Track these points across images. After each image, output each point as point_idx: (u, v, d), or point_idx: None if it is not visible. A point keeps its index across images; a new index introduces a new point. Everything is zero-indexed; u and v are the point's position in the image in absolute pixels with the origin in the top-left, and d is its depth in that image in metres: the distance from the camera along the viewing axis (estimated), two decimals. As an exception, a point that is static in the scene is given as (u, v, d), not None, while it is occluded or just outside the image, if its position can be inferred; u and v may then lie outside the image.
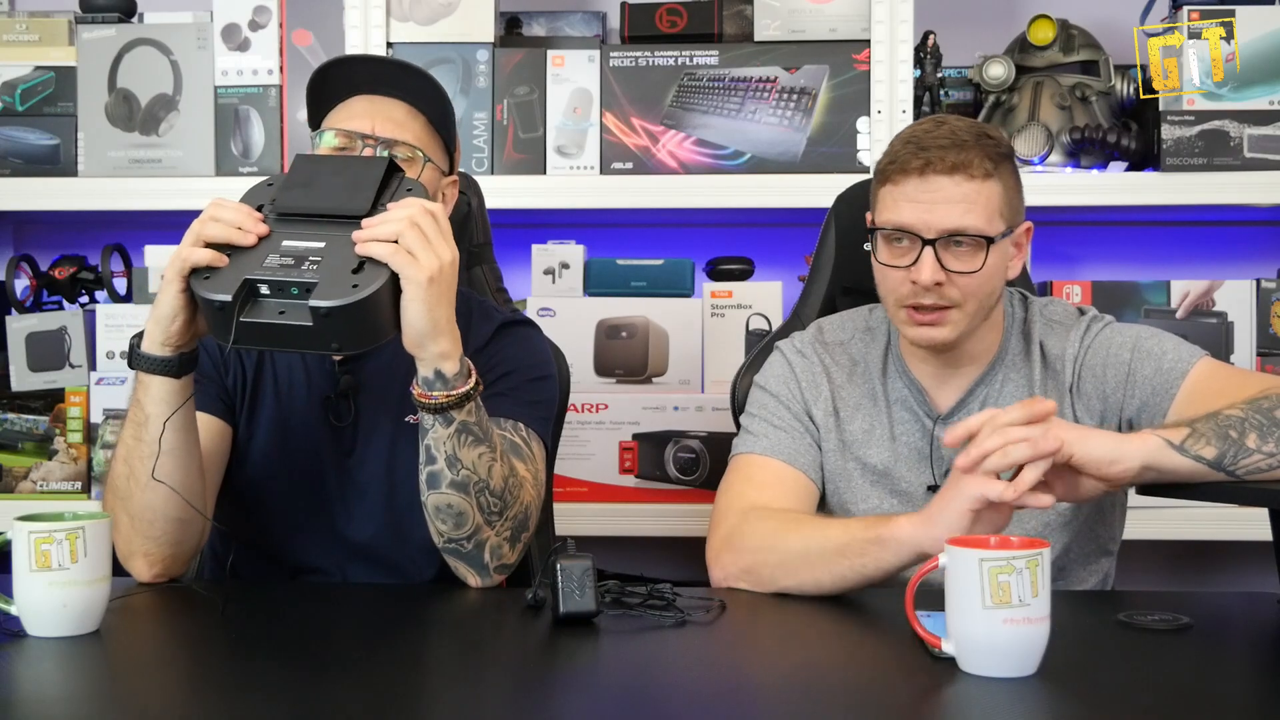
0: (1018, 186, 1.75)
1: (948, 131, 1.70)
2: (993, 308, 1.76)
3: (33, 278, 2.75)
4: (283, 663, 1.40)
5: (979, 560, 1.27)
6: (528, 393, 1.80)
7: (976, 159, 1.68)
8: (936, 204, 1.68)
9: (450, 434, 1.61)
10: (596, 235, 2.80)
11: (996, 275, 1.72)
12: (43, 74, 2.68)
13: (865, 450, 1.81)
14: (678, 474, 2.60)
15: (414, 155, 1.75)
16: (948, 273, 1.69)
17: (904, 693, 1.29)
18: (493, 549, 1.67)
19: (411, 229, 1.53)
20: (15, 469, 2.64)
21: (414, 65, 1.81)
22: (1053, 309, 1.84)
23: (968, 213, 1.68)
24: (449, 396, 1.60)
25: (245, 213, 1.56)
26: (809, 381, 1.85)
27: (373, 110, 1.76)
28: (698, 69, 2.60)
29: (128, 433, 1.64)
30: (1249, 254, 2.86)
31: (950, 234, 1.68)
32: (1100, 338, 1.79)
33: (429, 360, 1.59)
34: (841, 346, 1.87)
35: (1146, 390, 1.73)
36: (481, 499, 1.63)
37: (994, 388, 1.79)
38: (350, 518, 1.79)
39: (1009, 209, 1.72)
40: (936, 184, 1.68)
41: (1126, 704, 1.25)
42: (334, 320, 1.49)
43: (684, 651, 1.44)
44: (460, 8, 2.62)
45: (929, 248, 1.68)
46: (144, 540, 1.67)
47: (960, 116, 1.77)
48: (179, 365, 1.61)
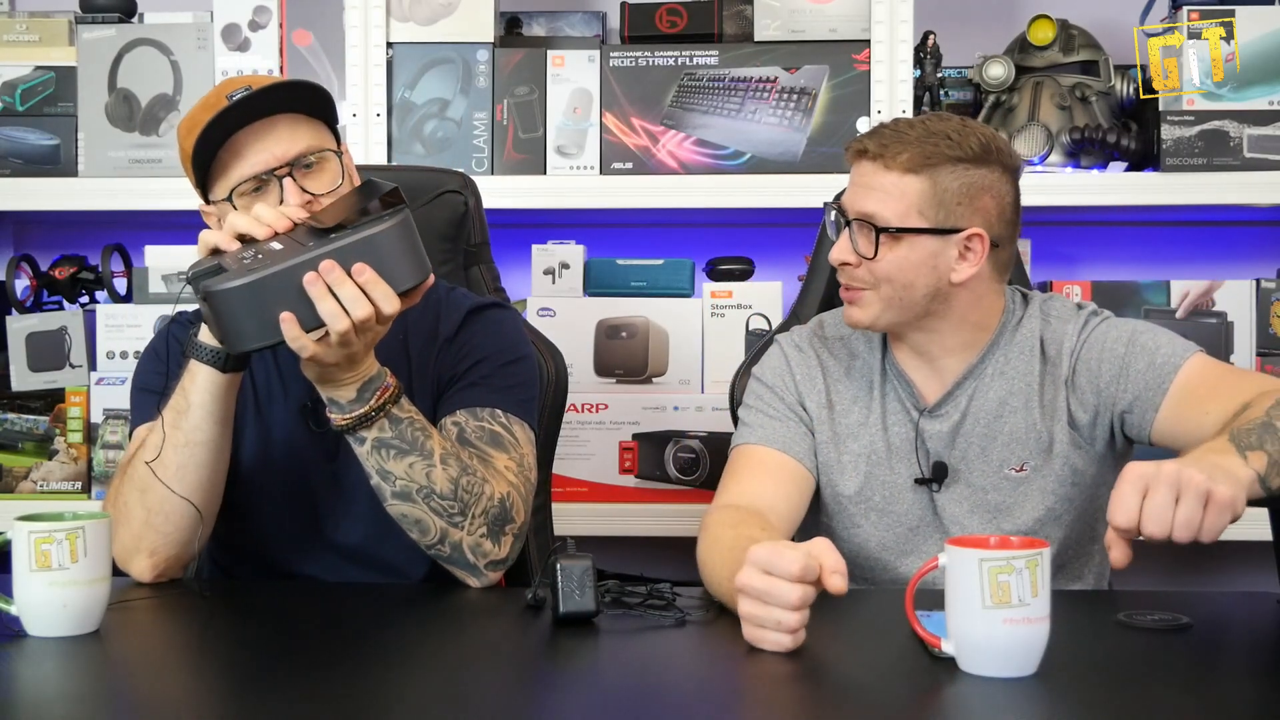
0: (969, 192, 1.73)
1: (904, 124, 1.76)
2: (920, 303, 1.75)
3: (33, 278, 2.75)
4: (282, 663, 1.40)
5: (979, 560, 1.27)
6: (502, 378, 1.79)
7: (905, 153, 1.72)
8: (857, 187, 1.77)
9: (368, 451, 1.63)
10: (596, 235, 2.80)
11: (909, 269, 1.73)
12: (43, 74, 2.68)
13: (857, 442, 1.82)
14: (678, 474, 2.60)
15: (324, 157, 1.72)
16: (858, 256, 1.75)
17: (904, 693, 1.29)
18: (472, 548, 1.67)
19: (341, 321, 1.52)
20: (15, 469, 2.64)
21: (265, 85, 1.70)
22: (1052, 304, 1.84)
23: (879, 201, 1.73)
24: (345, 420, 1.62)
25: (278, 215, 1.58)
26: (804, 375, 1.86)
27: (262, 142, 1.68)
28: (698, 69, 2.60)
29: (165, 419, 1.65)
30: (1249, 254, 2.86)
31: (859, 217, 1.75)
32: (1097, 332, 1.79)
33: (320, 390, 1.62)
34: (841, 341, 1.88)
35: (1139, 384, 1.73)
36: (431, 504, 1.64)
37: (983, 381, 1.80)
38: (338, 522, 1.80)
39: (937, 209, 1.73)
40: (862, 169, 1.77)
41: (1126, 704, 1.25)
42: (214, 307, 1.50)
43: (684, 651, 1.44)
44: (460, 8, 2.63)
45: (847, 227, 1.76)
46: (154, 535, 1.67)
47: (947, 115, 1.79)
48: (226, 359, 1.63)
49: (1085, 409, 1.77)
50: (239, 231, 1.56)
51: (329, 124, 1.76)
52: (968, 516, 1.79)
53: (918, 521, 1.81)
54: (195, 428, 1.64)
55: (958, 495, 1.80)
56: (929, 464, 1.80)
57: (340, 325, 1.52)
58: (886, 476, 1.81)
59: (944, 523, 1.79)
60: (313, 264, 1.51)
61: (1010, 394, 1.79)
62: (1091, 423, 1.77)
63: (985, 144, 1.74)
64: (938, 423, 1.80)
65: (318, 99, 1.74)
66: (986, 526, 1.78)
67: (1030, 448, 1.78)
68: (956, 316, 1.78)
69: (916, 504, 1.80)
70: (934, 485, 1.79)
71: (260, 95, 1.68)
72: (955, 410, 1.80)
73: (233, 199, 1.69)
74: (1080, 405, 1.78)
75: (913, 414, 1.81)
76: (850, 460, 1.82)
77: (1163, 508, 1.37)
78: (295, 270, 1.51)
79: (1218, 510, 1.38)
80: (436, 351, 1.81)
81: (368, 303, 1.52)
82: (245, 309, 1.50)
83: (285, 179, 1.68)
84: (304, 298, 1.51)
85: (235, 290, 1.50)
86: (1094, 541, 1.83)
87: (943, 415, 1.80)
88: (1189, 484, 1.37)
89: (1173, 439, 1.70)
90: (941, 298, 1.76)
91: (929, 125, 1.75)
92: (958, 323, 1.79)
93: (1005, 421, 1.79)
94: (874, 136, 1.76)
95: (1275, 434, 1.50)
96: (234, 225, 1.57)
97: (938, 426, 1.80)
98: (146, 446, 1.67)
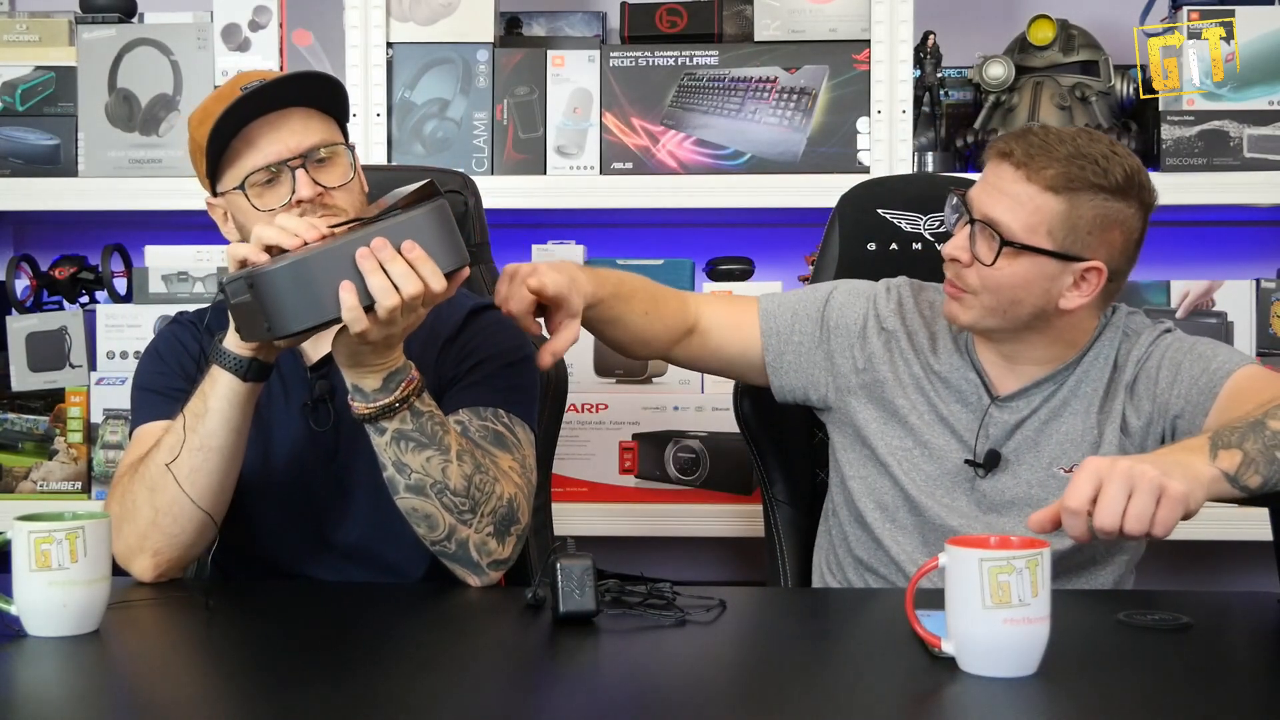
0: (1102, 224, 1.69)
1: (1055, 138, 1.71)
2: (1023, 319, 1.74)
3: (33, 278, 2.75)
4: (282, 662, 1.40)
5: (979, 560, 1.27)
6: (504, 379, 1.79)
7: (1051, 169, 1.68)
8: (991, 189, 1.72)
9: (387, 441, 1.63)
10: (596, 235, 2.80)
11: (1019, 285, 1.71)
12: (43, 74, 2.68)
13: (896, 398, 1.83)
14: (678, 474, 2.60)
15: (335, 151, 1.73)
16: (974, 258, 1.71)
17: (904, 693, 1.29)
18: (478, 546, 1.67)
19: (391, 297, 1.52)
20: (15, 469, 2.64)
21: (280, 76, 1.74)
22: (1133, 321, 1.84)
23: (1010, 210, 1.69)
24: (369, 409, 1.61)
25: (306, 225, 1.57)
26: (886, 309, 1.87)
27: (276, 133, 1.70)
28: (698, 69, 2.60)
29: (184, 421, 1.65)
30: (1249, 254, 2.86)
31: (985, 219, 1.71)
32: (1162, 342, 1.80)
33: (347, 376, 1.61)
34: (931, 306, 1.88)
35: (1192, 391, 1.73)
36: (444, 499, 1.64)
37: (1062, 386, 1.79)
38: (339, 521, 1.79)
39: (1066, 233, 1.69)
40: (1002, 172, 1.72)
41: (1126, 704, 1.25)
42: (262, 290, 1.49)
43: (684, 651, 1.44)
44: (460, 8, 2.63)
45: (968, 226, 1.72)
46: (159, 536, 1.67)
47: (1099, 137, 1.73)
48: (248, 368, 1.63)
49: (1140, 415, 1.77)
50: (266, 243, 1.55)
51: (340, 121, 1.77)
52: (1008, 507, 1.78)
53: (955, 490, 1.80)
54: (211, 433, 1.64)
55: (1001, 485, 1.79)
56: (984, 450, 1.79)
57: (390, 301, 1.51)
58: (935, 439, 1.81)
59: (979, 501, 1.79)
60: (364, 241, 1.52)
61: (1076, 398, 1.79)
62: (1145, 428, 1.77)
63: (1130, 176, 1.70)
64: (1005, 414, 1.79)
65: (332, 94, 1.75)
66: (1018, 525, 1.75)
67: (1084, 450, 1.77)
68: (1053, 334, 1.77)
69: (961, 479, 1.80)
70: (980, 470, 1.79)
71: (275, 86, 1.69)
72: (1026, 407, 1.79)
73: (245, 188, 1.69)
74: (1135, 411, 1.77)
75: (983, 398, 1.80)
76: (905, 406, 1.83)
77: (1115, 500, 1.40)
78: (346, 248, 1.51)
79: (1170, 505, 1.40)
80: (438, 352, 1.81)
81: (417, 279, 1.52)
82: (294, 288, 1.49)
83: (298, 170, 1.69)
84: (351, 276, 1.51)
85: (285, 269, 1.49)
86: (1121, 547, 1.82)
87: (1011, 409, 1.79)
88: (1141, 479, 1.40)
89: None
90: (1044, 318, 1.74)
91: (1079, 145, 1.70)
92: (1052, 340, 1.78)
93: (1064, 422, 1.78)
94: (1022, 141, 1.71)
95: (1261, 432, 1.51)
96: (261, 237, 1.56)
97: (1004, 417, 1.79)
98: (162, 447, 1.66)
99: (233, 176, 1.71)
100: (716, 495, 2.58)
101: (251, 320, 1.53)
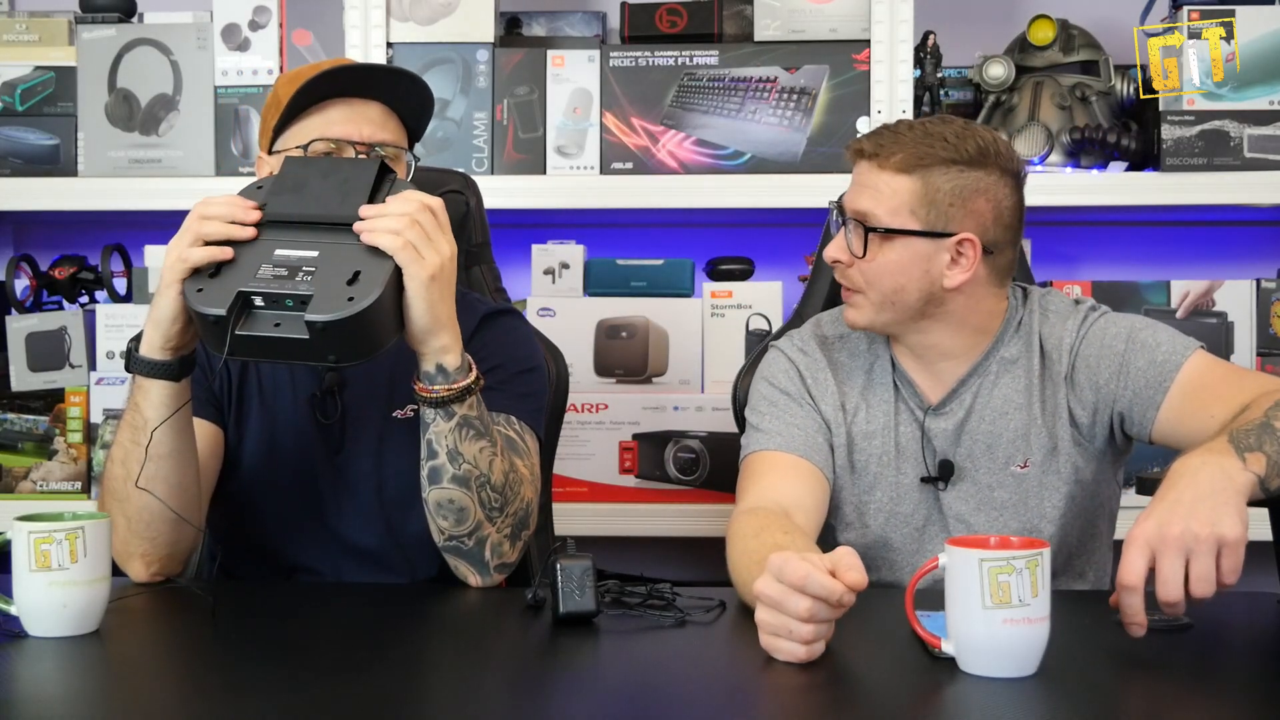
0: (962, 195, 1.72)
1: (904, 125, 1.76)
2: (914, 305, 1.75)
3: (33, 278, 2.75)
4: (282, 663, 1.40)
5: (979, 560, 1.27)
6: (518, 385, 1.80)
7: (899, 153, 1.72)
8: (854, 186, 1.77)
9: (451, 428, 1.61)
10: (596, 235, 2.80)
11: (897, 271, 1.73)
12: (43, 74, 2.68)
13: (870, 443, 1.82)
14: (677, 474, 2.60)
15: (398, 155, 1.75)
16: (850, 255, 1.75)
17: (904, 693, 1.29)
18: (493, 546, 1.67)
19: (413, 226, 1.52)
20: (15, 469, 2.64)
21: (387, 66, 1.81)
22: (1050, 300, 1.84)
23: (872, 200, 1.74)
24: (450, 390, 1.60)
25: (236, 204, 1.56)
26: (813, 377, 1.85)
27: (352, 114, 1.74)
28: (698, 69, 2.60)
29: (124, 435, 1.64)
30: (1249, 254, 2.86)
31: (854, 216, 1.75)
32: (1095, 327, 1.79)
33: (431, 355, 1.59)
34: (842, 340, 1.88)
35: (1140, 382, 1.73)
36: (483, 494, 1.63)
37: (986, 379, 1.80)
38: (342, 516, 1.79)
39: (928, 210, 1.72)
40: (860, 168, 1.77)
41: (1126, 704, 1.25)
42: (330, 333, 1.47)
43: (684, 651, 1.44)
44: (460, 8, 2.63)
45: (843, 226, 1.77)
46: (141, 541, 1.67)
47: (950, 118, 1.78)
48: (178, 368, 1.61)
49: (1084, 407, 1.77)
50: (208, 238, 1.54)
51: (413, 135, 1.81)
52: (974, 514, 1.79)
53: (924, 521, 1.80)
54: (158, 442, 1.61)
55: (964, 493, 1.80)
56: (935, 463, 1.80)
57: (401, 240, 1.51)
58: (894, 476, 1.81)
59: (949, 521, 1.79)
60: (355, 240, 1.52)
61: (1014, 391, 1.79)
62: (1091, 421, 1.77)
63: (983, 147, 1.73)
64: (943, 420, 1.80)
65: (420, 107, 1.79)
66: (992, 524, 1.78)
67: (1034, 445, 1.78)
68: (954, 320, 1.78)
69: (923, 503, 1.80)
70: (940, 484, 1.79)
71: (376, 73, 1.76)
72: (960, 408, 1.79)
73: (307, 149, 1.71)
74: (1079, 403, 1.77)
75: (918, 413, 1.81)
76: (861, 461, 1.82)
77: (1175, 571, 1.38)
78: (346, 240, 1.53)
79: (1232, 553, 1.40)
80: None
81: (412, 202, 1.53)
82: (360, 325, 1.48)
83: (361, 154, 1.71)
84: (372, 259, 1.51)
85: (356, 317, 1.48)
86: (1095, 539, 1.83)
87: (947, 413, 1.80)
88: (1196, 541, 1.38)
89: (1174, 439, 1.70)
90: (936, 301, 1.75)
91: (928, 127, 1.74)
92: (956, 326, 1.78)
93: (1010, 419, 1.78)
94: (872, 137, 1.76)
95: (1274, 435, 1.50)
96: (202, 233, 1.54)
97: (943, 424, 1.80)
98: (114, 460, 1.65)
99: (296, 136, 1.74)
100: (717, 495, 2.58)
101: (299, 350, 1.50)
